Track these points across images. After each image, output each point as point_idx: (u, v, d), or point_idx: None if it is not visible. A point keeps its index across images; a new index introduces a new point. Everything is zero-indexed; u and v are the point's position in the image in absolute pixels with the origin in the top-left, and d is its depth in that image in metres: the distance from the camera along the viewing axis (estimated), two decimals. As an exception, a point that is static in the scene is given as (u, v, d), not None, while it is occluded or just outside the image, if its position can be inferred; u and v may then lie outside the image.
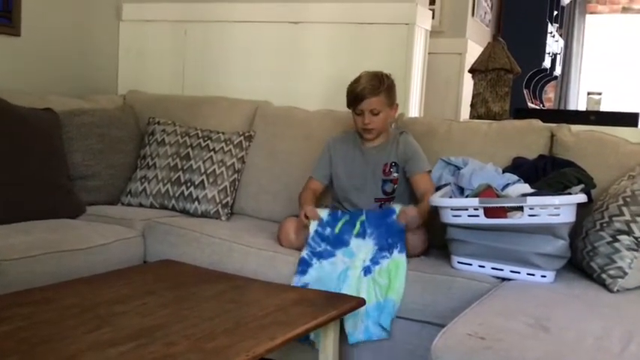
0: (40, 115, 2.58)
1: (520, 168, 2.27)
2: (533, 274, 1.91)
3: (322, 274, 2.11)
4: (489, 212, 1.91)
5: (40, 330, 1.41)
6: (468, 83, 4.03)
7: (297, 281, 2.10)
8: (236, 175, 2.75)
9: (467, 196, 2.09)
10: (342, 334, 1.89)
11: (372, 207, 2.35)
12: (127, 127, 2.93)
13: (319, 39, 3.21)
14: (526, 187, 2.04)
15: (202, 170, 2.70)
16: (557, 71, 6.44)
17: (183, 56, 3.49)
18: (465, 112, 4.06)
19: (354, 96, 2.33)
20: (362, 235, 2.21)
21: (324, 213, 2.28)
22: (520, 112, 3.75)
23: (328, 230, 2.23)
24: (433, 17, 3.49)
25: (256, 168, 2.80)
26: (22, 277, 1.89)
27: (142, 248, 2.38)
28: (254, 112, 2.97)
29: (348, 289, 2.03)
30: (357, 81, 2.35)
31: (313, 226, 2.23)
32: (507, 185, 2.09)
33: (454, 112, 4.27)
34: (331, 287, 2.03)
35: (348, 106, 2.38)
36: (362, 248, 2.17)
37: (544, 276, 1.91)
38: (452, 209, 1.97)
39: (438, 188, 2.25)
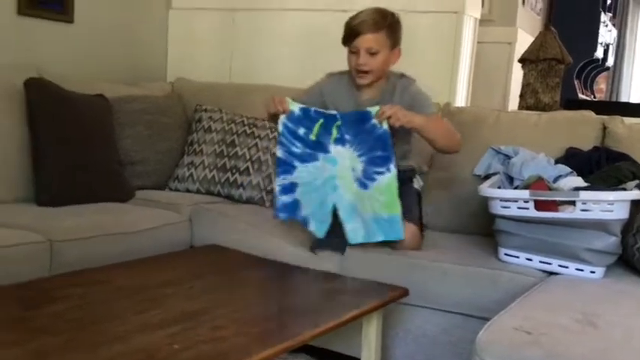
0: (93, 101, 2.64)
1: (573, 159, 2.21)
2: (582, 270, 1.87)
3: (310, 179, 2.06)
4: (540, 205, 1.86)
5: (91, 310, 1.45)
6: (516, 73, 3.96)
7: (281, 181, 2.06)
8: (281, 163, 2.76)
9: (517, 187, 2.05)
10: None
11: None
12: (175, 114, 2.97)
13: (366, 27, 3.18)
14: (579, 181, 1.99)
15: (247, 157, 2.72)
16: (610, 62, 6.26)
17: (231, 44, 3.51)
18: (513, 103, 3.99)
19: (350, 30, 2.06)
20: (340, 141, 2.06)
21: (295, 106, 2.07)
22: (571, 103, 3.67)
23: (302, 131, 2.07)
24: (482, 5, 3.42)
25: (301, 156, 2.80)
26: (76, 258, 1.95)
27: (188, 233, 2.41)
28: (300, 100, 2.97)
29: (339, 200, 2.02)
30: (356, 15, 2.08)
31: (282, 119, 2.06)
32: (559, 177, 2.05)
33: (502, 103, 4.19)
34: (320, 194, 2.04)
35: (344, 42, 2.10)
36: (345, 155, 2.05)
37: (593, 272, 1.86)
38: (501, 200, 1.94)
39: (486, 177, 2.21)
